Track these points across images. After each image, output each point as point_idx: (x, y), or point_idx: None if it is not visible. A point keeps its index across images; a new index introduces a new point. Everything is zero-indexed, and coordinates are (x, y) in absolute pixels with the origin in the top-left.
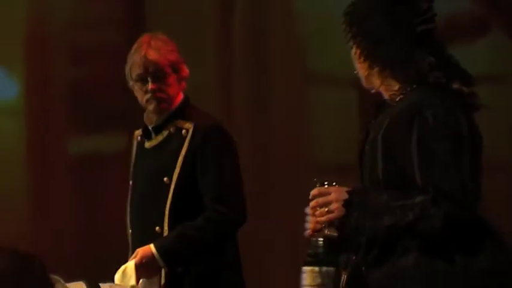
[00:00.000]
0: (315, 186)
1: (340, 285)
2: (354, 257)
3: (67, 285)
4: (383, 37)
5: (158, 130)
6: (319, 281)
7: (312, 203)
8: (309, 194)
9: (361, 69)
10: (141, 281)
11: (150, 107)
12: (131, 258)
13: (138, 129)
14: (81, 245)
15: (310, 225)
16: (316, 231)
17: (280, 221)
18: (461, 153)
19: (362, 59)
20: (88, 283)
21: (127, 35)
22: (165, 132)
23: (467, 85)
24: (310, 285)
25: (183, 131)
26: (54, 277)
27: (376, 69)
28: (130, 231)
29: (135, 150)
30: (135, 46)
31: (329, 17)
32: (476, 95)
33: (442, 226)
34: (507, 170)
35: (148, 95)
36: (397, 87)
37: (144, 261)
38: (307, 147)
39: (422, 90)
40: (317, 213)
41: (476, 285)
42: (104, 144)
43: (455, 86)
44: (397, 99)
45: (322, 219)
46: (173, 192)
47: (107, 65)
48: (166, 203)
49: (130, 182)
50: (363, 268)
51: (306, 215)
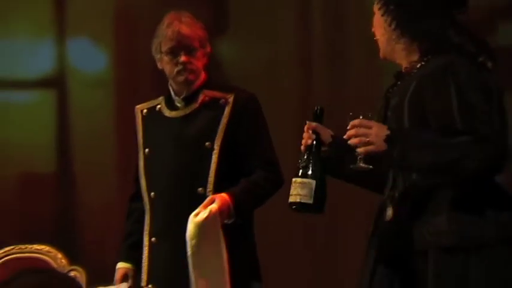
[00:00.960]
0: (351, 119)
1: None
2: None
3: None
4: (419, 11)
5: (189, 100)
6: (303, 191)
7: (350, 132)
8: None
9: (384, 35)
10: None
11: (181, 78)
12: (205, 203)
13: None
14: None
15: (303, 141)
16: (306, 147)
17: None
18: (492, 104)
19: (393, 27)
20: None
21: (209, 13)
22: (196, 103)
23: (492, 61)
24: (295, 195)
25: (221, 101)
26: None
27: (403, 40)
28: (152, 194)
29: (143, 121)
30: (166, 22)
31: None
32: (495, 73)
33: (483, 166)
34: None
35: (179, 67)
36: (417, 57)
37: (222, 208)
38: None
39: (445, 56)
40: (354, 141)
41: (508, 236)
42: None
43: (481, 59)
44: (418, 66)
45: (361, 150)
46: (218, 156)
47: None
48: (210, 166)
49: (146, 149)
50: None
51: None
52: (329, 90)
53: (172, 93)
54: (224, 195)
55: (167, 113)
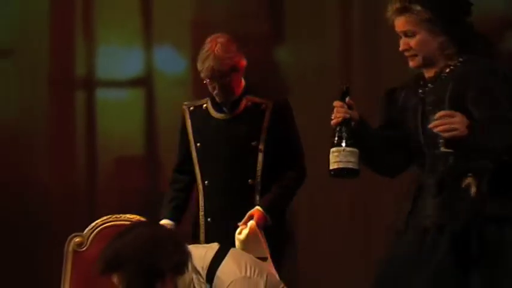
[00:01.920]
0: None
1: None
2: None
3: (202, 245)
4: (458, 16)
5: (232, 105)
6: (352, 158)
7: (436, 122)
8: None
9: (427, 43)
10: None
11: (219, 98)
12: (245, 220)
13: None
14: None
15: (339, 114)
16: (344, 121)
17: None
18: None
19: (438, 28)
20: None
21: (269, 24)
22: (239, 108)
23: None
24: (346, 161)
25: (262, 106)
26: (189, 246)
27: (439, 41)
28: (206, 182)
29: (191, 117)
30: (203, 56)
31: None
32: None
33: None
34: None
35: (216, 91)
36: (454, 60)
37: (259, 222)
38: None
39: (474, 60)
40: (441, 128)
41: None
42: None
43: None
44: (448, 70)
45: (446, 135)
46: (263, 153)
47: (254, 46)
48: (257, 162)
49: (197, 143)
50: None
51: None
52: (367, 90)
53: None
54: (259, 209)
55: (213, 113)
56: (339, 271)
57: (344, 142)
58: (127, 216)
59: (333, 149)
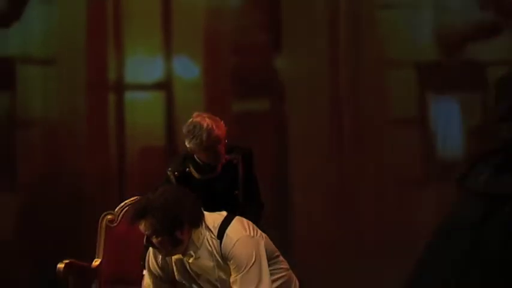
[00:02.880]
0: None
1: None
2: None
3: (211, 213)
4: None
5: (213, 167)
6: None
7: None
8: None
9: None
10: None
11: (212, 163)
12: None
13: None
14: None
15: None
16: None
17: None
18: None
19: None
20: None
21: (268, 36)
22: (219, 168)
23: None
24: None
25: (234, 161)
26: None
27: None
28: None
29: (179, 182)
30: (198, 130)
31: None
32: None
33: None
34: None
35: (208, 159)
36: None
37: None
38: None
39: None
40: None
41: None
42: (255, 106)
43: None
44: None
45: None
46: (241, 198)
47: (256, 55)
48: (237, 204)
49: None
50: None
51: None
52: (354, 92)
53: (199, 162)
54: None
55: (196, 175)
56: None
57: None
58: None
59: None
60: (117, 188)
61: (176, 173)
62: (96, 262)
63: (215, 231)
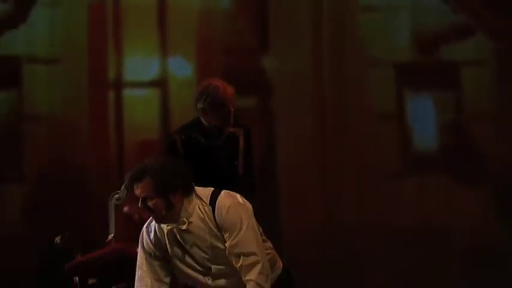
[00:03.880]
0: None
1: None
2: None
3: (199, 187)
4: None
5: (218, 135)
6: None
7: None
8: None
9: None
10: None
11: (219, 124)
12: None
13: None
14: None
15: None
16: None
17: None
18: None
19: None
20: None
21: (255, 36)
22: (222, 136)
23: None
24: None
25: (237, 133)
26: None
27: None
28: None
29: (184, 146)
30: (212, 88)
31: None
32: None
33: None
34: None
35: (216, 119)
36: None
37: None
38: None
39: None
40: None
41: None
42: (244, 102)
43: None
44: None
45: None
46: (240, 170)
47: (245, 55)
48: (237, 173)
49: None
50: None
51: None
52: (337, 90)
53: (207, 126)
54: None
55: (203, 140)
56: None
57: None
58: None
59: None
60: (116, 177)
61: (183, 136)
62: (110, 237)
63: (206, 200)
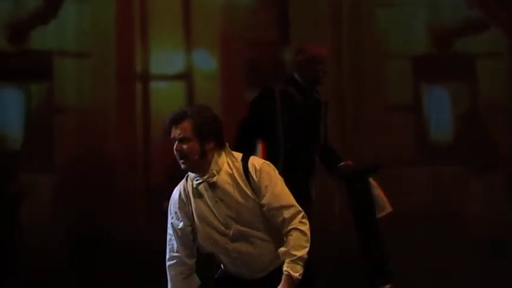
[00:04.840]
0: None
1: None
2: None
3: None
4: None
5: (308, 94)
6: None
7: None
8: None
9: None
10: None
11: (316, 83)
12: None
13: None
14: None
15: None
16: None
17: None
18: None
19: None
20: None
21: (277, 31)
22: (314, 96)
23: None
24: None
25: (322, 99)
26: None
27: None
28: (288, 146)
29: (282, 101)
30: (311, 46)
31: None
32: None
33: None
34: None
35: (319, 75)
36: None
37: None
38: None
39: None
40: None
41: None
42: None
43: None
44: None
45: None
46: (322, 136)
47: (267, 49)
48: (319, 137)
49: (285, 119)
50: None
51: None
52: (355, 82)
53: (301, 82)
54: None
55: (296, 95)
56: None
57: None
58: None
59: None
60: (142, 167)
61: (281, 88)
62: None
63: (238, 158)
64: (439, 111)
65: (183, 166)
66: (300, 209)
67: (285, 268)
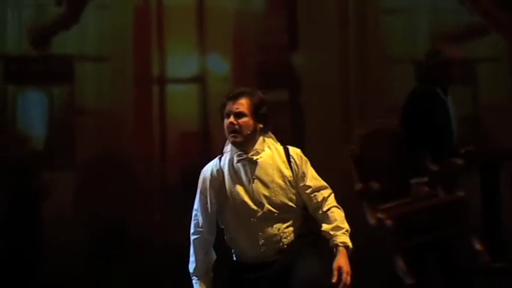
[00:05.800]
0: None
1: None
2: None
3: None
4: None
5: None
6: None
7: None
8: None
9: None
10: None
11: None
12: None
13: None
14: None
15: None
16: None
17: None
18: None
19: None
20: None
21: (287, 36)
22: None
23: None
24: None
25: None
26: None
27: None
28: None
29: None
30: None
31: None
32: None
33: None
34: None
35: None
36: None
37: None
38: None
39: None
40: None
41: None
42: (276, 96)
43: None
44: None
45: None
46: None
47: (277, 53)
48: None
49: None
50: None
51: None
52: (361, 84)
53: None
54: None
55: (442, 95)
56: None
57: None
58: None
59: None
60: (158, 166)
61: (426, 88)
62: None
63: (278, 143)
64: None
65: (232, 139)
66: (331, 190)
67: (339, 241)
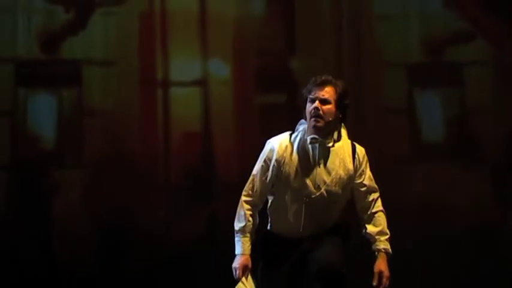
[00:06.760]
0: None
1: None
2: None
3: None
4: None
5: None
6: None
7: None
8: None
9: None
10: None
11: None
12: None
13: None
14: None
15: None
16: None
17: None
18: None
19: None
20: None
21: (284, 42)
22: None
23: None
24: None
25: None
26: None
27: None
28: None
29: None
30: None
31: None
32: None
33: None
34: None
35: None
36: None
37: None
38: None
39: None
40: None
41: None
42: (274, 99)
43: None
44: None
45: None
46: None
47: (275, 58)
48: None
49: None
50: None
51: None
52: (355, 88)
53: None
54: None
55: None
56: None
57: None
58: None
59: None
60: (163, 165)
61: None
62: None
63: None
64: (430, 114)
65: (314, 123)
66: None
67: (382, 246)
